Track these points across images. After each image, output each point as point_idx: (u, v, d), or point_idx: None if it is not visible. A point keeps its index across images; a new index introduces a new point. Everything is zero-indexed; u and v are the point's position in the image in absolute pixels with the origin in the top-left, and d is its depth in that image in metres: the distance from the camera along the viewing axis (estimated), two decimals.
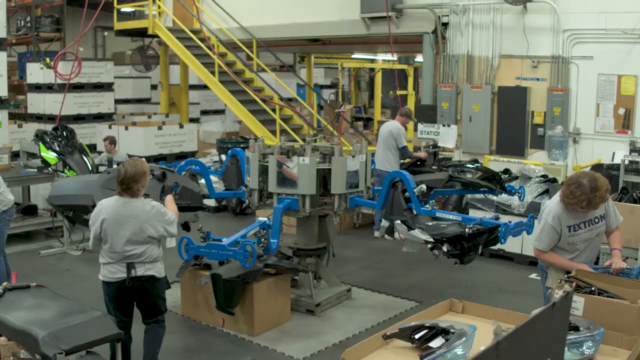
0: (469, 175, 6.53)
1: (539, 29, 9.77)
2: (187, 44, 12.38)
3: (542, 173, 7.95)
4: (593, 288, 3.78)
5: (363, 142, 6.11)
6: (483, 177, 6.54)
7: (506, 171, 8.04)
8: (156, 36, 13.06)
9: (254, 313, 5.54)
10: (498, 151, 10.22)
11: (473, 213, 7.81)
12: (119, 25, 13.58)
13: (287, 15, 12.10)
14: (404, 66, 10.03)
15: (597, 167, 8.12)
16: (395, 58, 10.84)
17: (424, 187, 5.50)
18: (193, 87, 15.52)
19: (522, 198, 6.60)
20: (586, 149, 9.55)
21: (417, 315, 3.63)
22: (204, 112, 17.54)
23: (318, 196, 6.11)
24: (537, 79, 9.90)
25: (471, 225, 5.08)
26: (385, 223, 5.63)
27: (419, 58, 12.56)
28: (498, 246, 7.63)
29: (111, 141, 9.71)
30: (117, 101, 16.46)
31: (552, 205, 4.37)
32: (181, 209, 5.92)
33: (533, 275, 7.02)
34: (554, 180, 7.77)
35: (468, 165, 6.76)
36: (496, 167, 9.02)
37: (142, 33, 13.34)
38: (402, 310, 6.14)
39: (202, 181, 7.87)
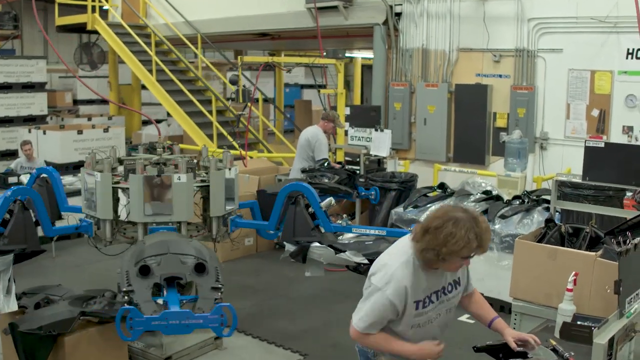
0: (325, 180, 5.65)
1: (501, 18, 8.49)
2: (127, 40, 11.32)
3: (487, 188, 6.59)
4: None
5: (225, 151, 4.92)
6: (341, 180, 5.70)
7: (441, 185, 6.79)
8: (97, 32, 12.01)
9: None
10: (456, 159, 8.92)
11: None
12: (60, 21, 12.55)
13: (233, 8, 11.00)
14: (332, 61, 8.72)
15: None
16: (324, 53, 9.54)
17: (332, 200, 4.53)
18: None
19: (375, 200, 6.34)
20: (555, 156, 8.28)
21: None
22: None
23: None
24: (500, 76, 8.62)
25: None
26: (290, 247, 4.49)
27: (350, 53, 11.29)
28: None
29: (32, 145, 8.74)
30: (80, 102, 15.60)
31: (395, 268, 2.71)
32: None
33: (464, 318, 5.63)
34: (498, 198, 6.41)
35: (322, 169, 5.98)
36: (442, 178, 7.78)
37: (83, 29, 12.29)
38: None
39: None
